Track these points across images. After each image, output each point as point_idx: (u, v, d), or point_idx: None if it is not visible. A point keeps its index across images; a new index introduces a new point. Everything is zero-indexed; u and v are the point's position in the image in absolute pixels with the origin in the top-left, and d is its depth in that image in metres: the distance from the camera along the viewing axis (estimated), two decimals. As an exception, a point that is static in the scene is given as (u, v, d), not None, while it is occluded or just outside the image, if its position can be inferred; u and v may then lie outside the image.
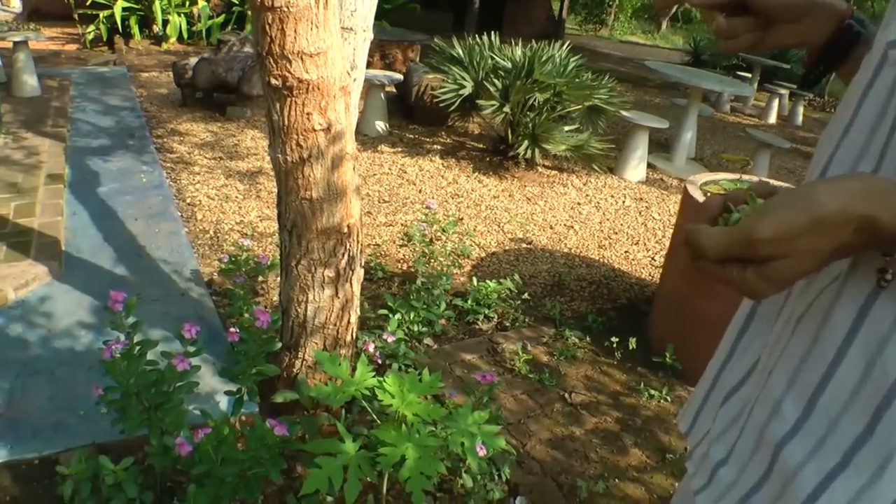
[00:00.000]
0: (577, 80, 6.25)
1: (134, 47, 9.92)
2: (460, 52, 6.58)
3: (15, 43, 6.69)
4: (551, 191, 6.17)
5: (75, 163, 5.43)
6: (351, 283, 2.74)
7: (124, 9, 9.54)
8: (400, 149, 6.86)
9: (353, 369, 3.05)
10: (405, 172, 6.22)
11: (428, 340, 3.69)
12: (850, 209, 0.66)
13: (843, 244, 0.68)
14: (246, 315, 3.37)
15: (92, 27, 9.69)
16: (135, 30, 9.85)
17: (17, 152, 5.31)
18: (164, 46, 10.09)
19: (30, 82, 6.87)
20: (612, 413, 3.24)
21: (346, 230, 2.56)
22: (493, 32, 6.78)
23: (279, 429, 2.04)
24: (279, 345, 2.50)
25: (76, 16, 9.88)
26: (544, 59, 6.18)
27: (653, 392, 3.38)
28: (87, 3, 9.61)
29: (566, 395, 3.33)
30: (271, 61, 2.12)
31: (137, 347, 2.36)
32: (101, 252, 4.13)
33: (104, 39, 9.79)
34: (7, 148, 5.39)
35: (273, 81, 2.16)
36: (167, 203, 4.94)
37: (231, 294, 3.45)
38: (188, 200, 5.10)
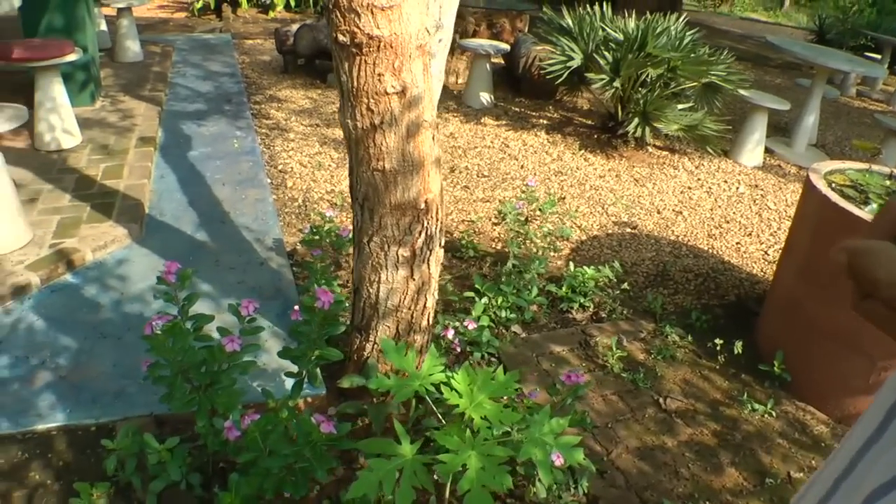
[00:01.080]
0: (692, 54, 5.81)
1: (241, 15, 9.94)
2: (570, 23, 6.23)
3: (119, 10, 6.74)
4: (661, 173, 5.77)
5: (169, 126, 5.40)
6: (428, 265, 2.49)
7: (233, -24, 9.57)
8: (504, 122, 6.58)
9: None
10: (507, 147, 5.94)
11: (516, 328, 3.43)
12: None
13: None
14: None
15: (201, -5, 9.77)
16: (243, -2, 9.87)
17: (112, 115, 5.31)
18: (271, 14, 10.09)
19: (132, 48, 6.91)
20: (709, 424, 2.91)
21: (423, 206, 2.31)
22: (605, 4, 6.39)
23: (326, 426, 1.83)
24: (343, 328, 2.29)
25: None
26: (658, 31, 5.77)
27: (756, 405, 3.01)
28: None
29: (660, 400, 3.02)
30: (338, 15, 1.89)
31: (189, 322, 2.19)
32: (184, 216, 4.04)
33: (212, 7, 9.84)
34: (104, 111, 5.40)
35: (340, 38, 1.93)
36: (257, 169, 4.82)
37: (309, 267, 3.27)
38: (279, 167, 4.99)
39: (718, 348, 3.33)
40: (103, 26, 7.35)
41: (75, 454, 2.46)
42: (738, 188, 5.66)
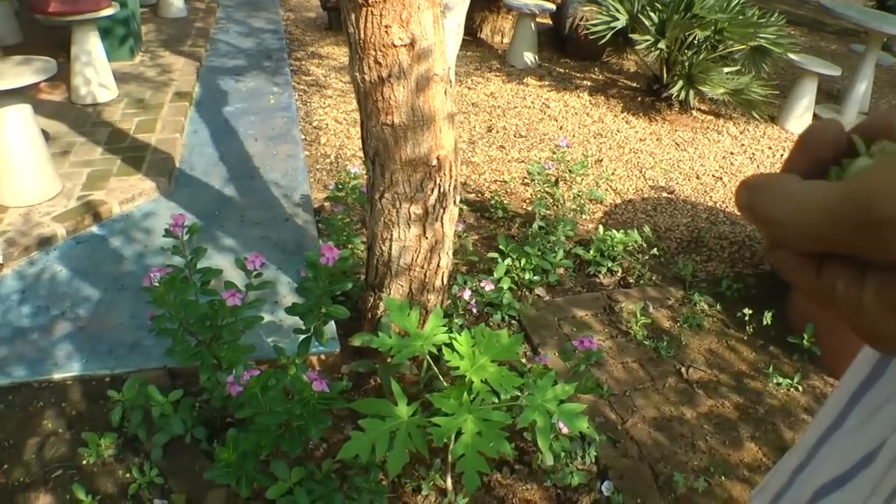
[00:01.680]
0: (741, 16, 5.58)
1: (289, -30, 9.87)
2: (615, -19, 6.03)
3: (162, -37, 6.74)
4: (704, 137, 5.60)
5: (206, 82, 5.40)
6: (442, 223, 2.44)
7: (280, -69, 9.47)
8: (547, 83, 6.44)
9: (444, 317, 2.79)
10: (548, 107, 5.82)
11: (540, 290, 3.37)
12: None
13: None
14: (346, 248, 3.17)
15: (248, -50, 9.70)
16: (291, -47, 9.78)
17: (150, 70, 5.32)
18: (319, -30, 10.00)
19: (176, 3, 6.91)
20: (731, 397, 2.82)
21: (435, 163, 2.25)
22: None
23: (318, 384, 1.79)
24: (349, 284, 2.25)
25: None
26: (707, -9, 5.56)
27: (782, 379, 2.90)
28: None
29: (682, 370, 2.94)
30: (343, -40, 1.83)
31: (197, 275, 2.18)
32: (214, 171, 4.04)
33: (261, -38, 9.78)
34: (142, 66, 5.42)
35: (346, -15, 1.87)
36: (290, 125, 4.80)
37: (330, 223, 3.24)
38: (314, 123, 4.96)
39: (747, 318, 3.22)
40: (148, -19, 7.37)
41: (88, 404, 2.48)
42: (782, 155, 5.46)
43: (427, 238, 2.42)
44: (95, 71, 4.66)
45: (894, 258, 0.31)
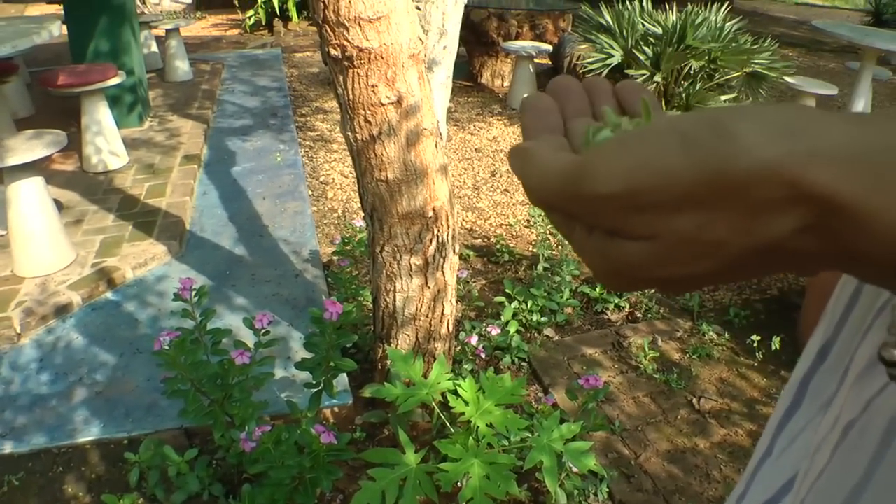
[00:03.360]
0: (734, 44, 5.66)
1: (292, 29, 10.10)
2: (608, 20, 6.14)
3: (167, 31, 6.92)
4: (706, 167, 5.64)
5: (214, 143, 5.52)
6: (443, 272, 2.49)
7: (281, -8, 9.74)
8: (548, 124, 6.52)
9: (452, 363, 2.83)
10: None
11: (549, 331, 3.40)
12: (795, 172, 0.30)
13: (772, 243, 0.32)
14: (355, 301, 3.23)
15: (251, 12, 9.96)
16: (293, 12, 10.02)
17: (159, 134, 5.46)
18: (320, 26, 10.21)
19: (182, 67, 7.10)
20: (744, 424, 2.83)
21: (431, 214, 2.31)
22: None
23: (326, 436, 1.84)
24: (354, 338, 2.30)
25: (237, 2, 10.18)
26: (698, 22, 5.64)
27: (795, 402, 2.91)
28: (247, -11, 9.89)
29: (694, 401, 2.95)
30: (328, 29, 1.91)
31: (207, 337, 2.24)
32: (224, 231, 4.13)
33: (264, 23, 10.03)
34: (151, 130, 5.56)
35: (332, 52, 1.95)
36: (298, 181, 4.89)
37: (338, 277, 3.31)
38: (321, 178, 5.05)
39: (756, 345, 3.23)
40: (154, 48, 7.57)
41: (107, 467, 2.53)
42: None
43: (429, 288, 2.47)
44: (105, 139, 4.79)
45: (605, 225, 0.36)
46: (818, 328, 0.61)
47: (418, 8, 2.46)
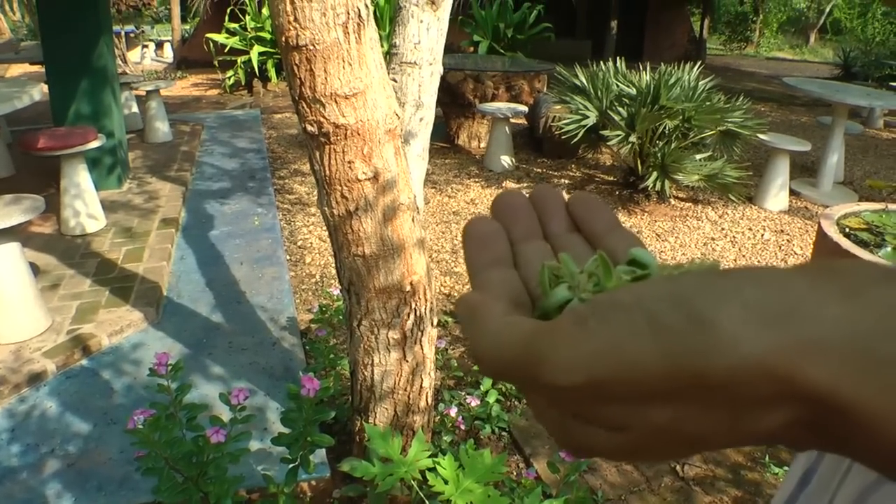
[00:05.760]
0: (707, 103, 5.77)
1: (272, 89, 10.21)
2: (583, 80, 6.25)
3: (147, 92, 6.97)
4: (683, 225, 5.71)
5: (192, 206, 5.52)
6: (421, 345, 2.48)
7: (261, 53, 9.84)
8: (525, 184, 6.59)
9: (432, 434, 2.80)
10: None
11: (530, 397, 3.37)
12: (787, 368, 0.26)
13: (759, 437, 0.30)
14: (332, 370, 3.20)
15: (231, 72, 10.06)
16: (272, 73, 10.13)
17: (138, 197, 5.46)
18: (300, 86, 10.33)
19: (161, 128, 7.13)
20: (729, 491, 2.81)
21: (408, 288, 2.31)
22: (619, 58, 6.43)
23: (301, 521, 1.80)
24: (332, 414, 2.28)
25: (216, 62, 10.28)
26: (672, 82, 5.76)
27: (778, 468, 2.90)
28: (226, 51, 9.98)
29: (678, 468, 2.93)
30: (304, 105, 1.93)
31: (182, 412, 2.21)
32: (201, 298, 4.10)
33: (243, 83, 10.12)
34: (130, 193, 5.56)
35: (308, 128, 1.97)
36: (276, 246, 4.89)
37: (315, 347, 3.28)
38: (299, 243, 5.05)
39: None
40: (135, 108, 7.61)
41: (79, 546, 2.47)
42: (763, 235, 5.57)
43: (408, 361, 2.46)
44: (84, 202, 4.78)
45: (567, 410, 0.32)
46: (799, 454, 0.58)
47: (394, 80, 2.49)
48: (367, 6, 1.91)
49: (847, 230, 3.13)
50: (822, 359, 0.26)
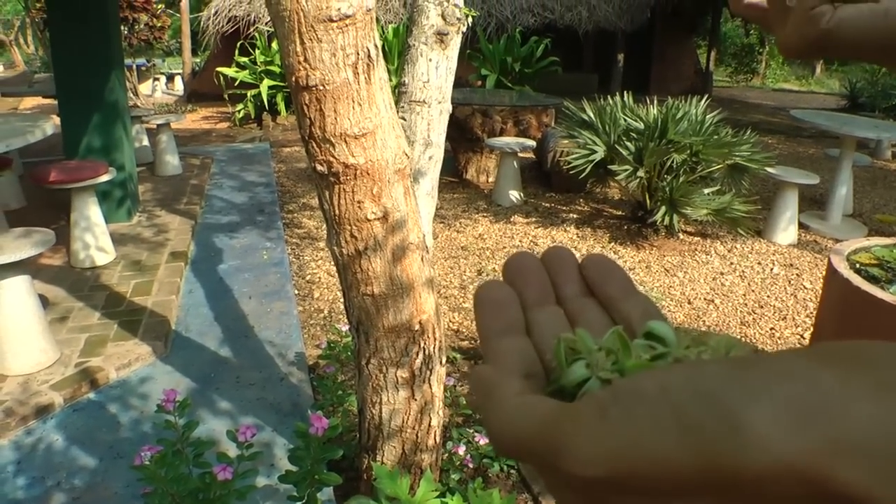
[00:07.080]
0: (714, 136, 5.79)
1: (281, 123, 10.29)
2: (591, 115, 6.28)
3: (158, 125, 7.03)
4: (692, 260, 5.70)
5: (201, 240, 5.54)
6: (430, 384, 2.47)
7: (270, 87, 9.93)
8: (534, 219, 6.59)
9: (440, 473, 2.79)
10: (536, 245, 5.94)
11: (537, 433, 3.34)
12: (820, 470, 0.25)
13: None
14: (340, 407, 3.19)
15: (241, 105, 10.15)
16: (281, 106, 10.21)
17: (147, 230, 5.48)
18: (310, 119, 10.42)
19: (171, 162, 7.19)
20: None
21: (417, 328, 2.31)
22: (626, 92, 6.46)
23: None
24: (340, 453, 2.27)
25: (226, 96, 10.38)
26: (679, 116, 5.78)
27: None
28: (236, 84, 10.08)
29: None
30: (314, 145, 1.94)
31: (189, 449, 2.20)
32: (209, 332, 4.10)
33: (253, 117, 10.21)
34: (139, 226, 5.59)
35: (318, 168, 1.98)
36: (284, 281, 4.90)
37: (323, 383, 3.27)
38: (307, 278, 5.05)
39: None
40: (145, 141, 7.67)
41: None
42: (772, 269, 5.55)
43: (416, 400, 2.45)
44: (94, 236, 4.81)
45: (585, 498, 0.30)
46: None
47: (403, 118, 2.52)
48: (376, 46, 1.93)
49: (857, 266, 3.12)
50: (856, 460, 0.25)
